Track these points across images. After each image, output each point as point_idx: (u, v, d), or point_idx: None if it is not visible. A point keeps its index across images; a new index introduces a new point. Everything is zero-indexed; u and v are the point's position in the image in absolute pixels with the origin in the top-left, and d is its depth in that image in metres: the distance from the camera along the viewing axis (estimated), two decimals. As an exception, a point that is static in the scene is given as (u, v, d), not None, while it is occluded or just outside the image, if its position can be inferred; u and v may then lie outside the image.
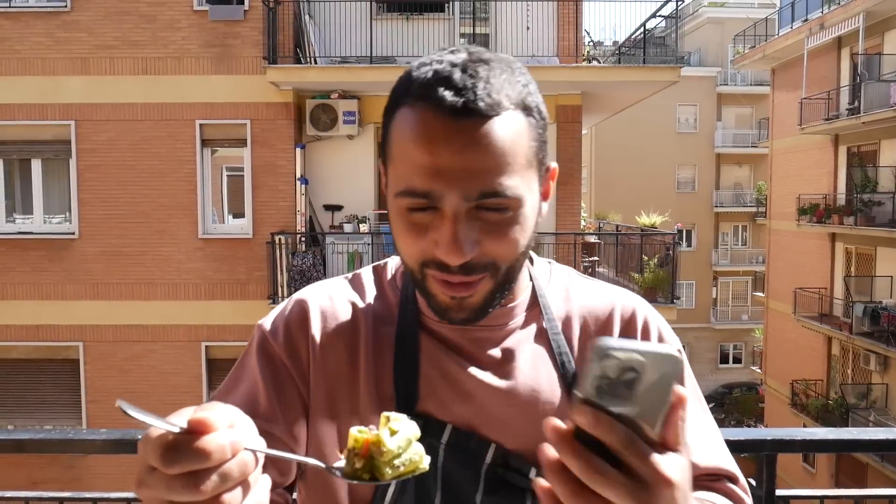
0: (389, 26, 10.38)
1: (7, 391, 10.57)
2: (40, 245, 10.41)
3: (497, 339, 0.89)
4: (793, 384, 19.17)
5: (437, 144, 0.75)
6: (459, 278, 0.79)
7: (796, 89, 19.57)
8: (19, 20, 10.22)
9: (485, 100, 0.75)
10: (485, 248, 0.78)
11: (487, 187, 0.76)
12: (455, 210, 0.76)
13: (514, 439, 0.85)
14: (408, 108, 0.78)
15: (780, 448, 1.46)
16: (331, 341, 0.89)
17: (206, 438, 0.53)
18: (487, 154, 0.75)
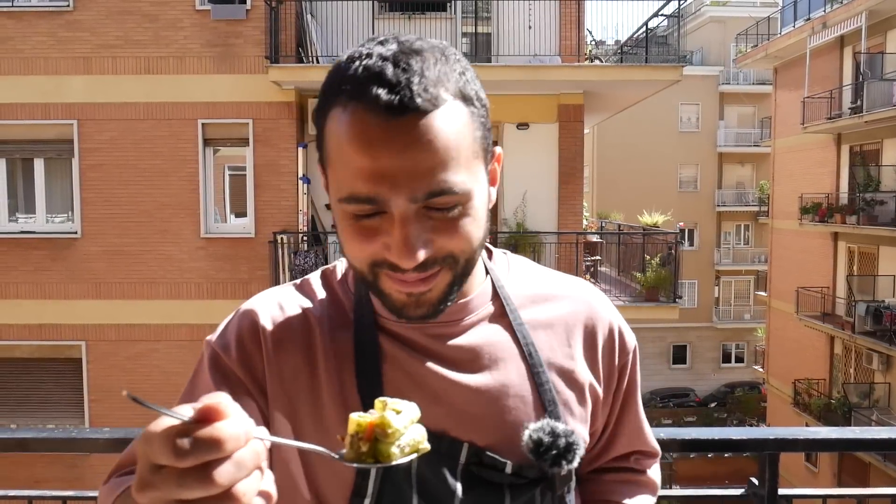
0: (391, 26, 10.38)
1: (10, 390, 10.59)
2: (43, 244, 10.42)
3: (459, 333, 0.86)
4: (795, 383, 19.14)
5: (376, 147, 0.71)
6: (414, 276, 0.76)
7: (799, 88, 19.54)
8: (22, 19, 10.23)
9: (421, 95, 0.71)
10: (439, 245, 0.75)
11: (434, 186, 0.73)
12: (403, 213, 0.73)
13: (486, 436, 0.83)
14: (340, 109, 0.74)
15: (782, 447, 1.46)
16: (286, 351, 0.85)
17: (219, 426, 0.50)
18: (430, 151, 0.72)
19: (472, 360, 0.85)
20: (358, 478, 0.80)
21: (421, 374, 0.83)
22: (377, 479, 0.80)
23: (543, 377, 0.86)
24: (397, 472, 0.79)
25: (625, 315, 4.19)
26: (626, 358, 0.95)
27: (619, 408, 0.96)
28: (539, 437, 0.81)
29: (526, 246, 10.13)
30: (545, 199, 10.51)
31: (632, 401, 0.98)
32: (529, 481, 0.83)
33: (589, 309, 0.93)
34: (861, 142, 17.74)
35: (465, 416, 0.83)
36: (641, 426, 1.00)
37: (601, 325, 0.93)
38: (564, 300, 0.93)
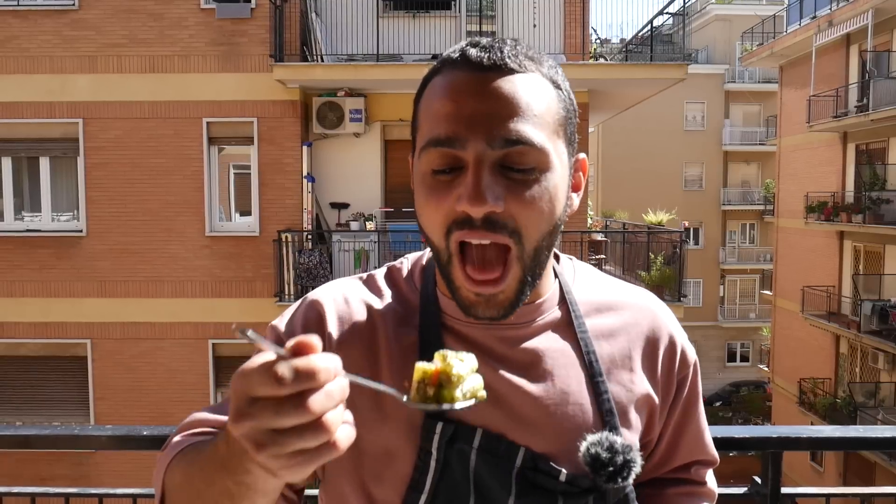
0: (396, 24, 10.37)
1: (16, 388, 10.63)
2: (48, 243, 10.45)
3: (525, 338, 0.86)
4: (800, 382, 19.10)
5: (460, 94, 0.76)
6: (482, 234, 0.75)
7: (804, 87, 19.48)
8: (28, 18, 10.26)
9: (510, 58, 0.77)
10: (509, 208, 0.75)
11: (511, 134, 0.75)
12: (478, 156, 0.74)
13: (543, 442, 0.83)
14: (436, 78, 0.80)
15: (785, 446, 1.45)
16: (349, 345, 0.85)
17: (313, 358, 0.54)
18: (512, 103, 0.75)
19: (534, 365, 0.85)
20: (415, 473, 0.81)
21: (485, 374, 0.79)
22: (435, 474, 0.80)
23: (603, 387, 0.86)
24: (454, 469, 0.80)
25: None
26: (686, 371, 0.96)
27: (678, 419, 0.96)
28: (597, 451, 0.81)
29: (530, 244, 10.12)
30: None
31: (693, 412, 0.98)
32: (582, 490, 0.83)
33: (652, 320, 0.93)
34: (867, 140, 17.68)
35: (524, 421, 0.83)
36: (702, 436, 1.00)
37: (663, 338, 0.93)
38: (628, 310, 0.93)
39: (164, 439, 1.43)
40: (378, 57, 9.96)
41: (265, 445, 0.54)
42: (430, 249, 0.82)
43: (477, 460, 0.80)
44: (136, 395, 10.33)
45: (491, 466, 0.81)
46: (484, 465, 0.81)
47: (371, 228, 9.98)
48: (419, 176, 0.79)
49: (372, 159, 10.44)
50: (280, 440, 0.53)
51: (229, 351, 10.33)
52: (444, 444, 0.80)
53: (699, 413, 0.99)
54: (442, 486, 0.80)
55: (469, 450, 0.81)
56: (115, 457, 9.82)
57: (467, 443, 0.81)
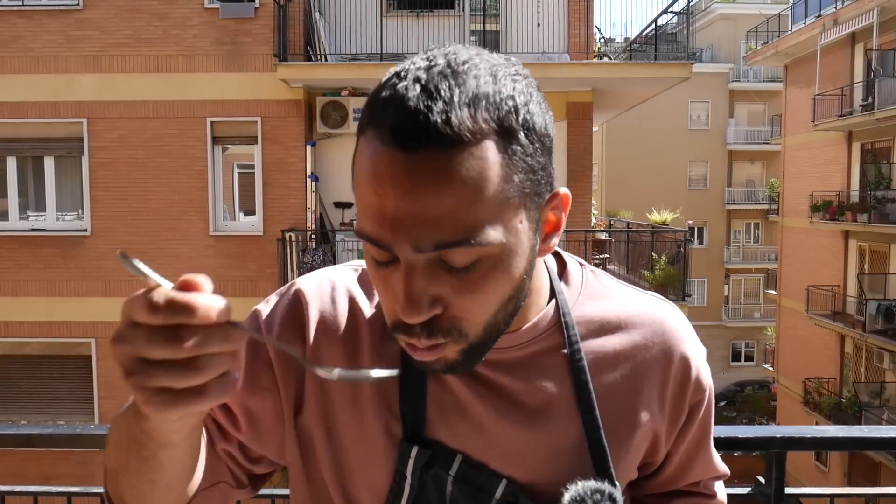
0: (399, 23, 10.37)
1: (21, 387, 10.66)
2: (53, 242, 10.48)
3: (513, 363, 0.79)
4: (805, 382, 19.05)
5: (383, 184, 0.62)
6: (424, 342, 0.67)
7: (809, 85, 19.42)
8: (32, 18, 10.28)
9: (441, 127, 0.60)
10: (450, 308, 0.67)
11: (443, 237, 0.63)
12: (409, 263, 0.64)
13: (526, 473, 0.79)
14: (363, 135, 0.66)
15: (789, 446, 1.44)
16: (329, 346, 0.81)
17: (192, 294, 0.54)
18: (443, 196, 0.61)
19: (522, 392, 0.79)
20: (390, 494, 0.78)
21: (465, 401, 0.78)
22: (409, 498, 0.77)
23: (595, 423, 0.79)
24: (430, 495, 0.77)
25: None
26: (700, 397, 0.88)
27: (690, 445, 0.90)
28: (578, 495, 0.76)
29: (534, 244, 10.11)
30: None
31: (705, 439, 0.92)
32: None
33: (665, 341, 0.85)
34: (872, 139, 17.62)
35: (507, 451, 0.78)
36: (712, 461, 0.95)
37: (675, 360, 0.85)
38: (638, 329, 0.84)
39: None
40: (382, 56, 9.96)
41: (132, 373, 0.54)
42: None
43: (453, 489, 0.76)
44: (141, 395, 10.33)
45: (467, 496, 0.77)
46: (461, 494, 0.77)
47: (375, 228, 9.96)
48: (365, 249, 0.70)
49: (376, 159, 10.43)
50: (147, 370, 0.53)
51: (233, 350, 10.33)
52: (420, 468, 0.77)
53: (710, 441, 0.94)
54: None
55: (445, 476, 0.77)
56: None
57: (444, 469, 0.77)
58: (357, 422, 0.79)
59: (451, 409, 0.78)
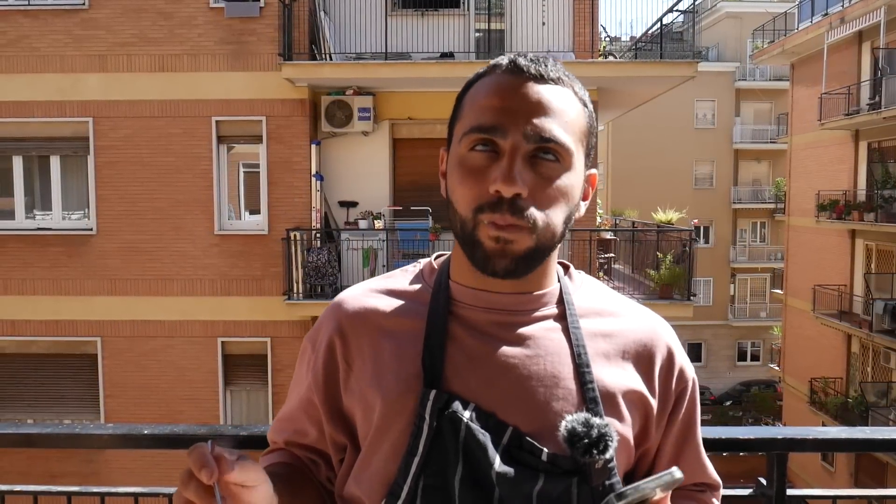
0: (404, 22, 10.36)
1: (27, 385, 10.70)
2: (59, 241, 10.51)
3: (522, 325, 0.94)
4: (811, 382, 18.99)
5: (506, 92, 0.88)
6: (508, 218, 0.86)
7: (816, 84, 19.35)
8: (38, 18, 10.31)
9: (552, 73, 0.90)
10: (533, 194, 0.86)
11: (546, 132, 0.87)
12: (514, 145, 0.86)
13: (530, 423, 0.89)
14: (484, 78, 0.93)
15: (791, 447, 1.43)
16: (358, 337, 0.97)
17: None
18: (550, 108, 0.88)
19: (528, 350, 0.93)
20: (411, 438, 0.89)
21: (480, 357, 0.92)
22: (427, 439, 0.88)
23: (588, 377, 0.92)
24: (446, 437, 0.87)
25: None
26: (684, 385, 1.00)
27: (679, 434, 1.00)
28: (573, 426, 0.86)
29: (539, 243, 10.08)
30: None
31: (692, 434, 1.02)
32: (564, 472, 0.88)
33: (651, 331, 0.98)
34: (879, 138, 17.54)
35: (514, 402, 0.90)
36: (703, 458, 1.04)
37: (660, 348, 0.98)
38: (627, 318, 0.99)
39: (165, 439, 1.45)
40: (387, 55, 9.95)
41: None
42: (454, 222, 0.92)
43: (467, 431, 0.87)
44: (146, 393, 10.37)
45: (479, 439, 0.87)
46: (473, 436, 0.87)
47: (379, 227, 9.98)
48: (456, 158, 0.91)
49: (380, 158, 10.44)
50: None
51: (238, 349, 10.36)
52: (437, 410, 0.88)
53: (698, 436, 1.03)
54: (434, 452, 0.88)
55: (460, 420, 0.87)
56: (126, 454, 9.87)
57: (459, 412, 0.88)
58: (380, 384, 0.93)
59: (465, 364, 0.91)
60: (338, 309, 1.00)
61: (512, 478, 0.86)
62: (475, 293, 0.95)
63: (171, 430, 1.45)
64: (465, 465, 0.87)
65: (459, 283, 0.96)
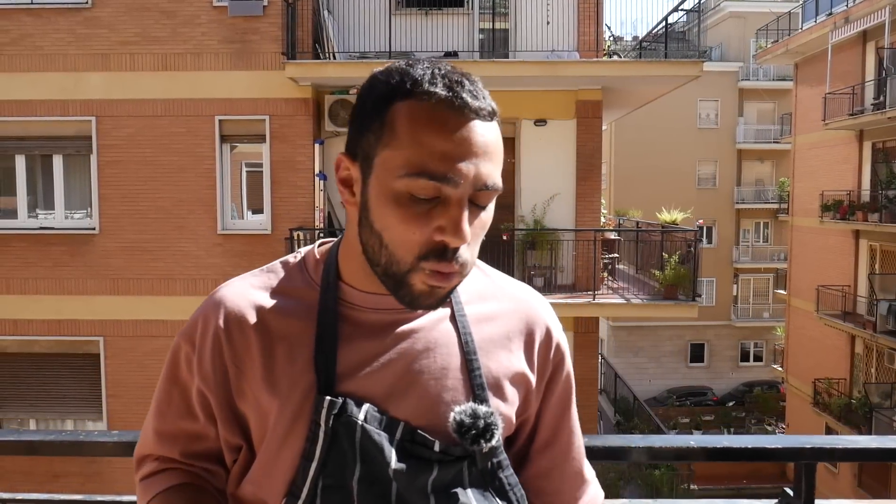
0: (408, 21, 10.33)
1: (29, 385, 10.67)
2: (62, 240, 10.48)
3: (409, 321, 0.96)
4: (815, 383, 18.93)
5: (454, 135, 0.84)
6: (451, 268, 0.86)
7: (820, 84, 19.29)
8: (41, 16, 10.28)
9: (490, 107, 0.88)
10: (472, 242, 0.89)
11: (489, 180, 0.86)
12: (463, 195, 0.85)
13: (422, 416, 0.92)
14: (419, 101, 0.85)
15: (819, 457, 1.38)
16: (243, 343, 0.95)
17: None
18: (493, 152, 0.87)
19: (418, 345, 0.95)
20: (307, 443, 0.91)
21: (371, 357, 0.93)
22: (324, 443, 0.90)
23: (475, 364, 0.95)
24: (342, 439, 0.90)
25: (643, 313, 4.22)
26: (560, 357, 1.04)
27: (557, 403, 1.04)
28: (461, 418, 0.91)
29: (543, 243, 10.05)
30: (563, 196, 10.43)
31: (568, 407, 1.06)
32: (455, 458, 0.93)
33: (529, 308, 1.03)
34: (884, 138, 17.48)
35: (406, 397, 0.93)
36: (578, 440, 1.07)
37: (539, 325, 1.03)
38: (507, 299, 1.03)
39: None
40: (390, 54, 9.92)
41: None
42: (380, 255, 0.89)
43: (362, 433, 0.89)
44: (149, 393, 10.20)
45: (374, 439, 0.90)
46: (368, 437, 0.90)
47: (383, 227, 9.92)
48: (393, 195, 0.85)
49: (384, 157, 10.40)
50: None
51: (241, 349, 10.32)
52: (332, 416, 0.89)
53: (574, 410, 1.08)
54: (331, 455, 0.90)
55: (355, 423, 0.89)
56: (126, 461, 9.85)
57: (353, 416, 0.90)
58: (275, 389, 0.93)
59: (357, 365, 0.93)
60: (219, 307, 0.97)
61: (408, 472, 0.90)
62: (366, 296, 0.95)
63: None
64: (363, 465, 0.90)
65: (350, 286, 0.96)
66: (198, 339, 0.96)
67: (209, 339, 0.95)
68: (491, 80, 9.81)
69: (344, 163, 0.92)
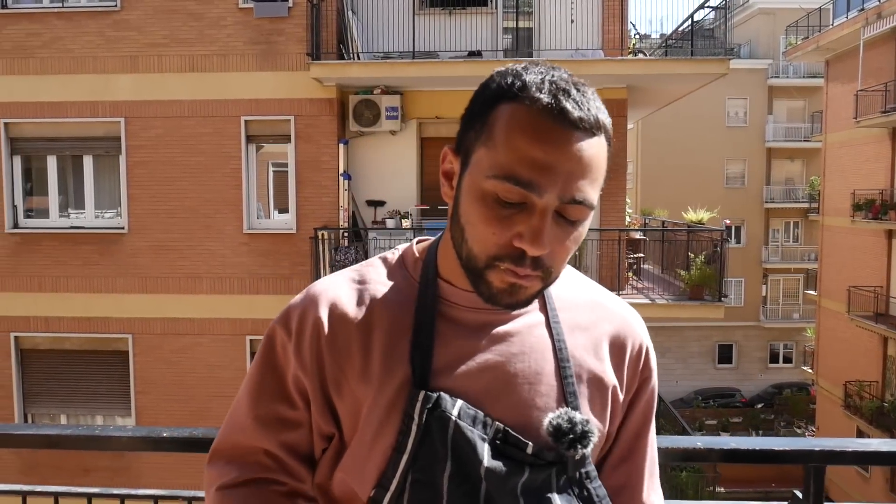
0: (432, 21, 10.35)
1: (60, 381, 10.88)
2: (92, 239, 10.67)
3: (506, 322, 0.97)
4: (846, 385, 18.63)
5: (551, 145, 0.84)
6: (527, 272, 0.87)
7: (851, 81, 18.97)
8: (72, 20, 10.47)
9: (593, 120, 0.86)
10: (553, 251, 0.88)
11: (579, 195, 0.85)
12: (547, 206, 0.84)
13: (515, 418, 0.93)
14: (521, 105, 0.86)
15: (829, 460, 1.37)
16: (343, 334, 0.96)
17: None
18: (588, 166, 0.85)
19: (513, 348, 0.96)
20: (399, 436, 0.92)
21: (467, 355, 0.94)
22: (416, 437, 0.91)
23: (568, 371, 0.96)
24: (434, 434, 0.90)
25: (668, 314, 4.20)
26: (648, 374, 1.04)
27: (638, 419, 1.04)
28: (559, 423, 0.91)
29: (567, 243, 9.99)
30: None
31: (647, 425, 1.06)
32: (547, 463, 0.93)
33: (623, 321, 1.03)
34: (917, 136, 17.14)
35: (500, 398, 0.93)
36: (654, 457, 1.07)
37: (631, 338, 1.03)
38: (602, 309, 1.03)
39: (184, 441, 1.43)
40: (414, 54, 9.95)
41: None
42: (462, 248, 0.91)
43: (455, 429, 0.90)
44: (177, 390, 10.49)
45: (467, 436, 0.90)
46: (461, 433, 0.90)
47: (407, 226, 9.97)
48: (478, 191, 0.87)
49: (408, 157, 10.43)
50: None
51: (266, 347, 10.41)
52: (426, 410, 0.90)
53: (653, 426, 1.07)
54: (423, 449, 0.91)
55: (448, 418, 0.90)
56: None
57: (447, 411, 0.90)
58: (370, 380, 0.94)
59: (453, 362, 0.94)
60: (319, 298, 0.98)
61: (500, 472, 0.90)
62: (464, 294, 0.96)
63: (191, 434, 1.44)
64: (454, 462, 0.90)
65: (448, 282, 0.97)
66: (294, 327, 0.97)
67: (308, 329, 0.96)
68: (515, 79, 9.81)
69: (448, 156, 0.94)
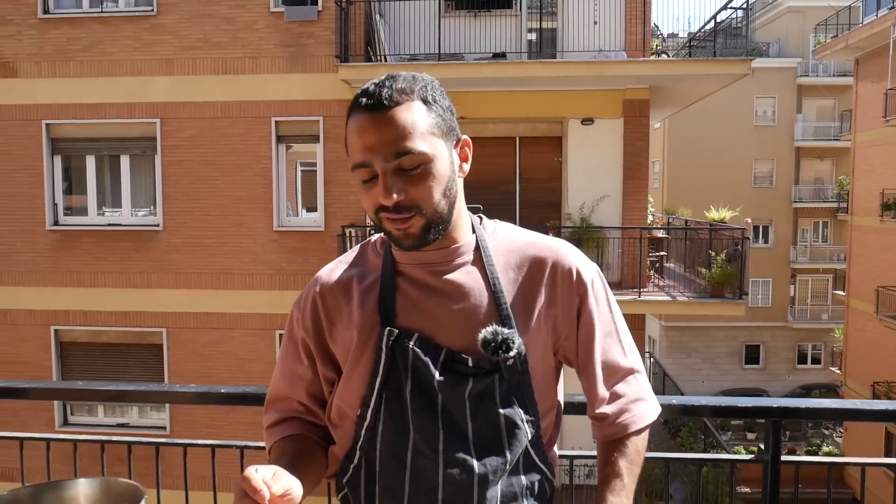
0: (457, 23, 10.55)
1: (98, 373, 11.27)
2: (128, 236, 11.04)
3: (448, 271, 1.24)
4: (874, 386, 18.48)
5: (362, 130, 1.13)
6: (396, 215, 1.14)
7: (881, 80, 18.81)
8: (110, 24, 10.85)
9: (387, 98, 1.13)
10: (409, 195, 1.13)
11: (398, 150, 1.11)
12: (382, 169, 1.13)
13: (460, 342, 1.20)
14: (350, 116, 1.17)
15: (785, 415, 1.57)
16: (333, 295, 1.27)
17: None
18: (396, 128, 1.12)
19: (455, 290, 1.23)
20: (374, 364, 1.21)
21: (421, 300, 1.23)
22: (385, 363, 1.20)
23: (502, 299, 1.21)
24: (398, 360, 1.20)
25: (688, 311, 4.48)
26: (584, 288, 1.26)
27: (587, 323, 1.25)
28: (485, 336, 1.17)
29: (590, 241, 10.14)
30: (610, 195, 10.52)
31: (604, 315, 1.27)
32: (486, 372, 1.19)
33: (552, 251, 1.26)
34: (947, 135, 16.97)
35: (447, 329, 1.21)
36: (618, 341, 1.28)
37: (561, 263, 1.25)
38: (535, 247, 1.27)
39: (238, 397, 1.69)
40: (440, 56, 10.16)
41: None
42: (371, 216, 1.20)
43: (413, 355, 1.19)
44: (208, 382, 10.79)
45: (422, 359, 1.19)
46: (418, 358, 1.19)
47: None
48: (358, 182, 1.17)
49: (433, 156, 10.63)
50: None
51: (295, 341, 10.68)
52: (391, 342, 1.20)
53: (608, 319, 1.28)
54: (392, 373, 1.20)
55: (407, 347, 1.19)
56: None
57: (407, 342, 1.19)
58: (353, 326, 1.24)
59: (411, 308, 1.22)
60: (316, 280, 1.31)
61: (447, 383, 1.18)
62: (410, 254, 1.23)
63: (243, 390, 1.71)
64: (414, 379, 1.19)
65: (398, 249, 1.25)
66: (302, 304, 1.30)
67: (309, 303, 1.29)
68: (538, 80, 9.99)
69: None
